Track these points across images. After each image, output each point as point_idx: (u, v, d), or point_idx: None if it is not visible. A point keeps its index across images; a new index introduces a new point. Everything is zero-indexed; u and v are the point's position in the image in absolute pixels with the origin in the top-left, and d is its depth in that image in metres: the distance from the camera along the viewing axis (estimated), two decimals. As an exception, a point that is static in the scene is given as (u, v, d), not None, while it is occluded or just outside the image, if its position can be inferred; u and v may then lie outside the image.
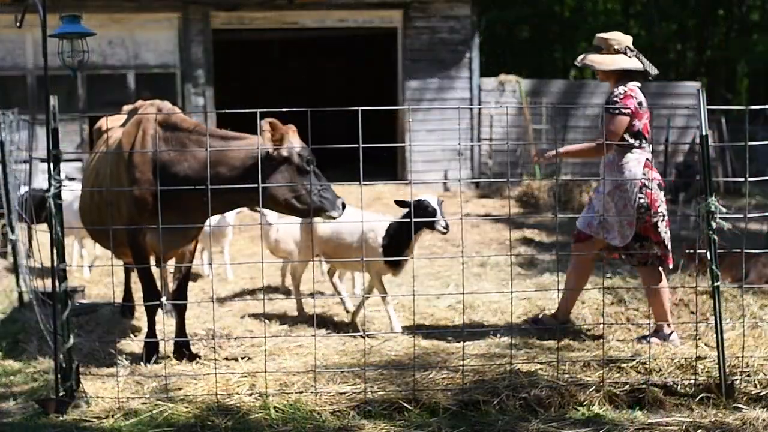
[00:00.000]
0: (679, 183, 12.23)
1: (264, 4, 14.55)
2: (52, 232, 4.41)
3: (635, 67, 5.53)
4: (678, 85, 17.88)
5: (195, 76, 14.55)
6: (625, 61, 5.53)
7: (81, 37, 4.93)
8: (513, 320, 5.95)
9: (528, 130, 15.57)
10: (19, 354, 5.58)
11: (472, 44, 15.23)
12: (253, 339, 5.63)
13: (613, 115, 5.40)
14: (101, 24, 13.16)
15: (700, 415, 4.26)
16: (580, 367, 4.74)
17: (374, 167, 9.92)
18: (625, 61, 5.53)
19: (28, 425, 4.27)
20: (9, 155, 7.33)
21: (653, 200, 5.44)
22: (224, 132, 5.18)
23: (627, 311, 6.29)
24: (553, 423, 4.14)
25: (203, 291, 7.51)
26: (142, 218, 5.10)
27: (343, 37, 18.16)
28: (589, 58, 5.63)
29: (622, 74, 5.56)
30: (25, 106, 13.61)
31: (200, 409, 4.28)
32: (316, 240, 6.19)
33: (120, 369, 4.94)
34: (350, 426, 4.14)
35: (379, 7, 15.00)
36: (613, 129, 5.39)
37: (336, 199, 5.08)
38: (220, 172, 4.95)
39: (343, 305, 6.45)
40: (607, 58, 5.56)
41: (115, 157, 5.30)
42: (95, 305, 6.81)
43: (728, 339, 4.94)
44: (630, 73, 5.56)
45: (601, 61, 5.57)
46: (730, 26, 30.27)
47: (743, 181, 4.86)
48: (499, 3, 25.61)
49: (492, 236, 10.54)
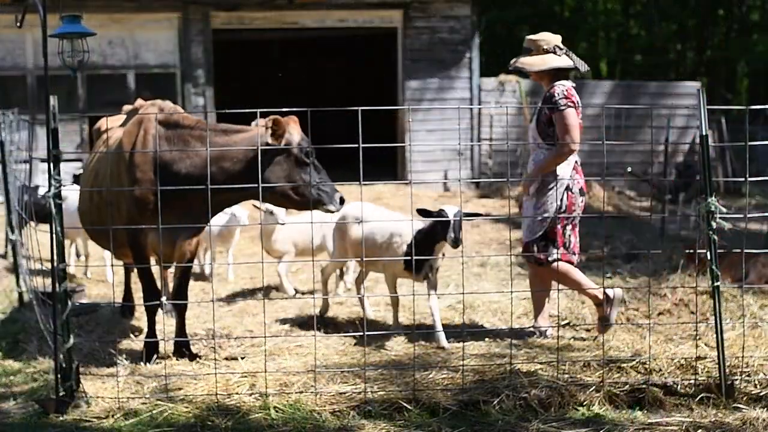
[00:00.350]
0: (679, 183, 12.22)
1: (264, 4, 14.54)
2: (52, 232, 4.41)
3: (566, 65, 5.61)
4: (678, 85, 17.88)
5: (195, 76, 14.54)
6: (555, 60, 5.60)
7: (81, 37, 4.93)
8: (513, 320, 5.95)
9: (528, 130, 15.56)
10: (19, 354, 5.58)
11: (472, 44, 15.22)
12: (253, 339, 5.63)
13: (564, 110, 5.45)
14: (101, 24, 13.15)
15: (700, 415, 4.26)
16: (580, 367, 4.74)
17: (374, 167, 9.94)
18: (556, 60, 5.60)
19: (28, 425, 4.27)
20: (9, 155, 7.34)
21: (570, 204, 5.54)
22: (225, 126, 5.19)
23: (627, 311, 6.29)
24: (553, 423, 4.14)
25: (203, 291, 7.50)
26: (143, 218, 5.09)
27: (343, 37, 18.15)
28: (520, 61, 5.69)
29: (554, 74, 5.63)
30: (25, 106, 13.60)
31: (200, 409, 4.28)
32: (349, 241, 6.10)
33: (120, 369, 4.93)
34: (350, 426, 4.14)
35: (379, 7, 14.99)
36: (571, 122, 5.44)
37: (334, 193, 5.09)
38: (223, 166, 4.97)
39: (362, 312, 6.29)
40: (537, 59, 5.62)
41: (115, 157, 5.30)
42: (95, 305, 6.81)
43: (728, 339, 4.94)
44: (562, 71, 5.63)
45: (532, 63, 5.63)
46: (730, 26, 30.25)
47: (743, 181, 4.87)
48: (499, 3, 25.59)
49: (492, 236, 10.53)
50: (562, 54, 5.63)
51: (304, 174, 5.01)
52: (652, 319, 5.74)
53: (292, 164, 4.99)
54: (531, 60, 5.65)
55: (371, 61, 20.26)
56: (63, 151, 4.43)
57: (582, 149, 15.84)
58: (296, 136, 5.03)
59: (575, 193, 5.55)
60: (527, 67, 5.65)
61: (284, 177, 5.00)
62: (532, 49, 5.66)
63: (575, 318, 6.08)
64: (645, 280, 6.94)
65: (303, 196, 5.01)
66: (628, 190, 15.46)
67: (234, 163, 4.99)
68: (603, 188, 12.51)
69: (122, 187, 5.15)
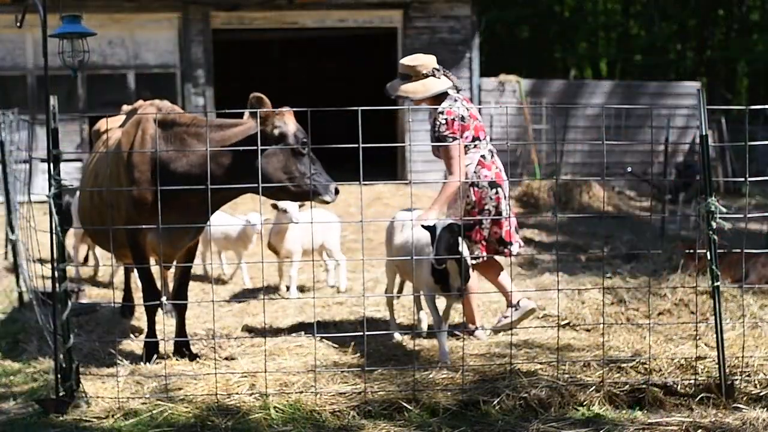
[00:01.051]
0: (679, 183, 12.23)
1: (264, 4, 14.54)
2: (52, 232, 4.41)
3: (447, 86, 5.62)
4: (678, 85, 17.89)
5: (195, 76, 14.54)
6: (436, 84, 5.60)
7: (81, 37, 4.92)
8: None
9: (528, 130, 15.57)
10: (19, 354, 5.58)
11: (472, 44, 15.22)
12: (253, 339, 5.63)
13: (448, 146, 5.50)
14: (101, 24, 13.15)
15: (700, 415, 4.26)
16: (580, 367, 4.74)
17: (374, 167, 9.93)
18: (437, 83, 5.60)
19: (28, 425, 4.27)
20: (9, 155, 7.34)
21: (480, 198, 5.56)
22: (221, 121, 5.19)
23: (627, 311, 6.29)
24: (553, 423, 4.14)
25: (203, 291, 7.50)
26: (142, 218, 5.09)
27: (343, 37, 18.14)
28: (402, 89, 5.63)
29: (437, 96, 5.62)
30: (25, 106, 13.61)
31: (200, 409, 4.28)
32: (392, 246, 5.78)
33: (120, 369, 4.93)
34: (350, 426, 4.14)
35: (379, 7, 14.99)
36: (452, 155, 5.50)
37: (329, 183, 5.06)
38: (221, 162, 4.97)
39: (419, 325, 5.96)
40: (419, 86, 5.59)
41: (114, 157, 5.30)
42: (95, 305, 6.81)
43: (728, 339, 4.94)
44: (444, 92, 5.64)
45: (414, 90, 5.60)
46: (730, 26, 30.26)
47: (743, 181, 4.87)
48: (499, 3, 25.60)
49: (492, 236, 10.53)
50: (440, 75, 5.62)
51: (301, 165, 5.01)
52: (652, 319, 5.73)
53: (288, 155, 4.98)
54: (413, 87, 5.60)
55: (371, 61, 20.26)
56: (63, 151, 4.43)
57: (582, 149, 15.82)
58: (291, 127, 5.03)
59: (484, 187, 5.56)
60: (411, 96, 5.60)
61: (281, 168, 4.99)
62: (411, 75, 5.62)
63: (575, 318, 6.08)
64: (645, 280, 6.94)
65: (299, 186, 5.01)
66: (628, 190, 15.47)
67: (232, 157, 4.98)
68: (603, 188, 12.52)
69: (122, 187, 5.15)
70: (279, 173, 4.97)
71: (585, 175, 15.22)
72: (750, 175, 4.69)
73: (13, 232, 7.05)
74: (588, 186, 12.93)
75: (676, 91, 16.87)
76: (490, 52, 27.66)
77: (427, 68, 5.61)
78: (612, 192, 14.65)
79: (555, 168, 15.18)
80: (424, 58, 5.66)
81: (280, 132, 4.98)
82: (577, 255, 8.85)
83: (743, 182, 6.21)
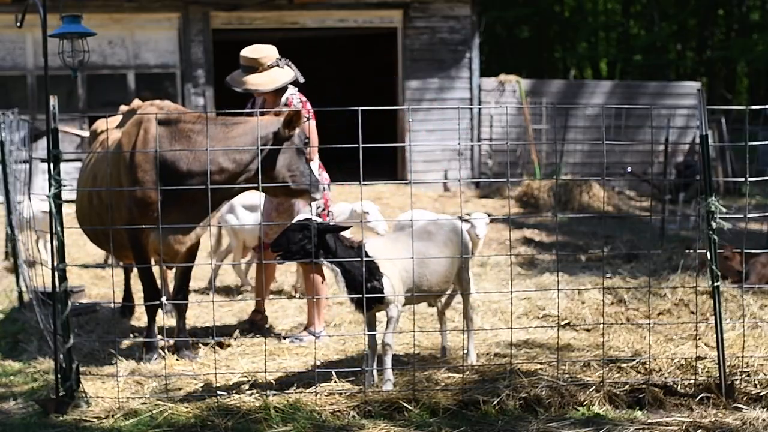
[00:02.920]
0: (679, 183, 12.22)
1: (264, 4, 14.54)
2: (52, 232, 4.41)
3: (292, 77, 5.57)
4: (678, 85, 17.89)
5: (195, 76, 14.55)
6: (282, 74, 5.54)
7: (81, 37, 4.92)
8: (513, 320, 5.95)
9: (528, 130, 15.57)
10: (19, 354, 5.58)
11: (472, 44, 15.22)
12: (253, 339, 5.63)
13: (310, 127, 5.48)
14: (101, 24, 13.16)
15: (700, 415, 4.26)
16: (580, 367, 4.74)
17: (374, 167, 9.94)
18: (282, 74, 5.54)
19: (28, 425, 4.27)
20: (9, 155, 7.34)
21: (326, 200, 5.64)
22: (224, 118, 5.23)
23: (627, 311, 6.29)
24: (553, 423, 4.14)
25: (203, 291, 7.50)
26: (146, 218, 5.08)
27: (343, 37, 18.13)
28: (249, 83, 5.53)
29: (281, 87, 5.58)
30: (25, 106, 13.61)
31: (200, 409, 4.28)
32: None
33: (120, 369, 4.93)
34: (350, 426, 4.14)
35: (379, 7, 14.99)
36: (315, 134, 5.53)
37: (316, 182, 5.21)
38: (228, 158, 5.02)
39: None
40: (265, 77, 5.52)
41: (115, 158, 5.29)
42: (95, 305, 6.81)
43: (728, 339, 4.94)
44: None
45: (261, 83, 5.51)
46: (730, 26, 30.28)
47: (743, 181, 4.87)
48: (499, 3, 25.61)
49: (492, 236, 10.53)
50: (284, 65, 5.57)
51: (302, 164, 5.10)
52: (652, 319, 5.73)
53: (293, 153, 5.07)
54: (260, 79, 5.51)
55: (371, 61, 20.26)
56: (63, 151, 4.43)
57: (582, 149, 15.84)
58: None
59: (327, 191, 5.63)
60: (259, 88, 5.51)
61: (285, 165, 5.09)
62: (256, 67, 5.53)
63: (575, 318, 6.08)
64: (645, 280, 6.94)
65: (299, 184, 5.12)
66: (628, 190, 15.47)
67: (241, 154, 5.04)
68: (603, 188, 12.51)
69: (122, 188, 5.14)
70: (284, 171, 5.07)
71: (585, 175, 15.21)
72: (750, 175, 4.69)
73: (13, 232, 7.05)
74: (588, 186, 12.92)
75: (676, 91, 16.87)
76: (490, 52, 27.70)
77: (270, 59, 5.54)
78: (612, 192, 14.65)
79: (555, 168, 15.18)
80: (266, 49, 5.57)
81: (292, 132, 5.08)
82: (577, 255, 8.85)
83: (743, 182, 6.20)
